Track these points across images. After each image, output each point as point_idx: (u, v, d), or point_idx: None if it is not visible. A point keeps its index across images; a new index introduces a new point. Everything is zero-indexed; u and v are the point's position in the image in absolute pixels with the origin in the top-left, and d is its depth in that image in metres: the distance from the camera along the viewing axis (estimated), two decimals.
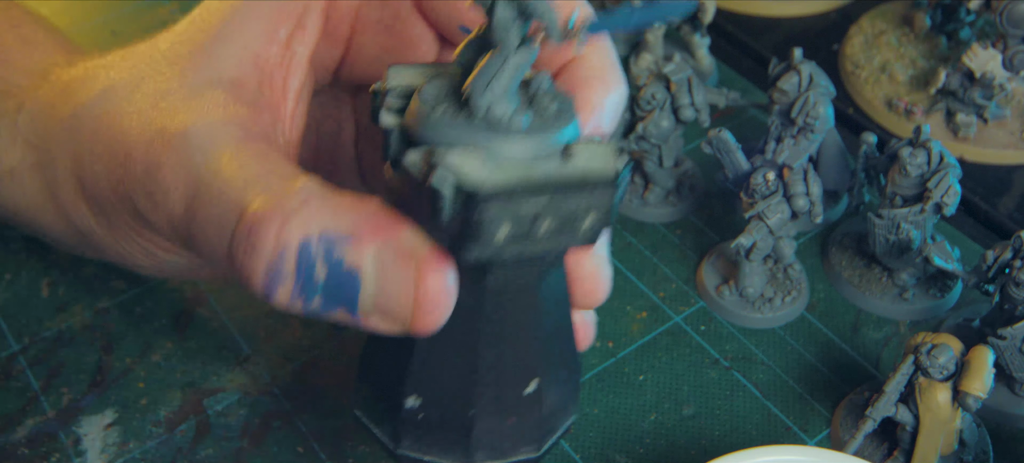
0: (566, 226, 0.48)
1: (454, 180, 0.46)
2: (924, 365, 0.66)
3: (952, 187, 0.75)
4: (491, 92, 0.48)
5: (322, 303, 0.50)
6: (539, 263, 0.51)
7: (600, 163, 0.48)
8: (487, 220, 0.46)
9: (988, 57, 0.88)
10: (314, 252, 0.50)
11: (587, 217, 0.48)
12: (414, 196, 0.48)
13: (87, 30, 1.08)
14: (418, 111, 0.49)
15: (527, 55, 0.48)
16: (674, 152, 0.86)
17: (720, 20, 1.02)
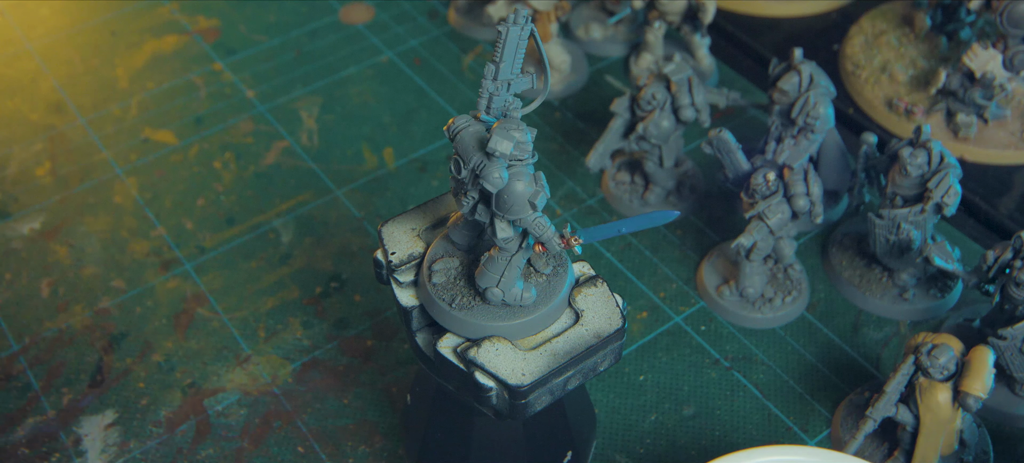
0: (588, 373, 0.57)
1: (495, 381, 0.55)
2: (924, 365, 0.66)
3: (952, 187, 0.75)
4: (502, 289, 0.56)
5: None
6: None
7: (607, 320, 0.57)
8: (529, 403, 0.55)
9: (988, 57, 0.88)
10: None
11: (604, 362, 0.57)
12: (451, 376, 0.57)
13: (87, 30, 1.08)
14: (438, 306, 0.57)
15: (527, 253, 0.56)
16: (674, 152, 0.86)
17: (720, 20, 1.02)
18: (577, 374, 0.56)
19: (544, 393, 0.55)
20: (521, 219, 0.53)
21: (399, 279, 0.58)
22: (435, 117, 0.98)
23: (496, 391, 0.54)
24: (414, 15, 1.09)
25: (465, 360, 0.55)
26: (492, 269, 0.55)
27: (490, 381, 0.54)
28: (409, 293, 0.58)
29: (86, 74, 1.03)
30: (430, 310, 0.57)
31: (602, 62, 1.03)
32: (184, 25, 1.09)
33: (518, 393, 0.54)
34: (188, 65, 1.04)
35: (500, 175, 0.51)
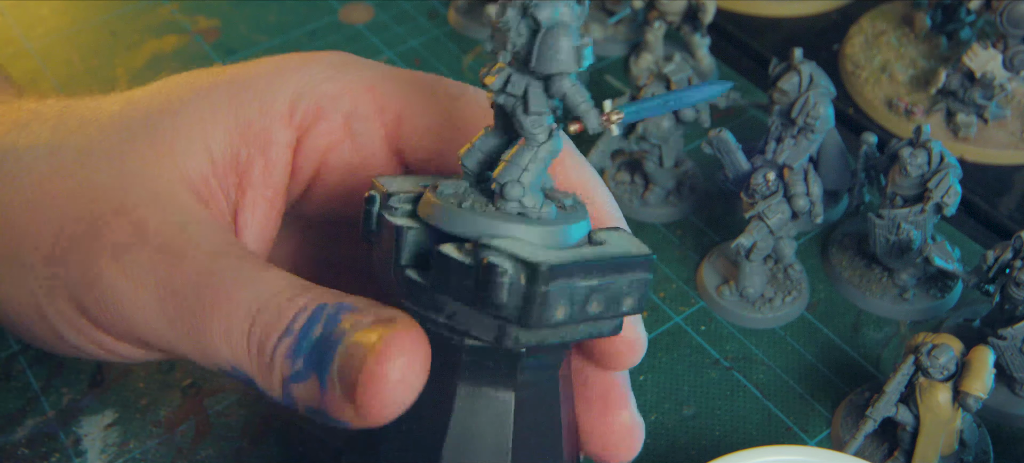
0: (611, 307, 0.49)
1: (512, 261, 0.47)
2: (924, 365, 0.66)
3: (952, 187, 0.75)
4: (523, 184, 0.49)
5: (303, 365, 0.49)
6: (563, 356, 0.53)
7: (634, 246, 0.51)
8: (551, 296, 0.47)
9: (988, 57, 0.88)
10: (323, 315, 0.50)
11: (628, 298, 0.50)
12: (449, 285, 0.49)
13: (87, 30, 1.08)
14: (444, 206, 0.50)
15: (555, 146, 0.50)
16: (674, 152, 0.86)
17: (720, 20, 1.02)
18: (601, 293, 0.49)
19: (565, 296, 0.47)
20: (561, 77, 0.48)
21: (394, 206, 0.52)
22: None
23: (511, 278, 0.46)
24: (414, 15, 1.09)
25: (475, 252, 0.48)
26: (515, 161, 0.50)
27: (505, 262, 0.46)
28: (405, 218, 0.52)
29: (86, 74, 1.03)
30: (434, 218, 0.51)
31: (602, 62, 1.03)
32: (184, 25, 1.09)
33: (538, 277, 0.46)
34: (188, 65, 1.04)
35: (552, 10, 0.48)
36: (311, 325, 0.50)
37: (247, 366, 0.51)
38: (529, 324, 0.47)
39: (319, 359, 0.49)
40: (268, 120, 0.59)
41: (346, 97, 0.60)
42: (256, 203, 0.60)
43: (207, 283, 0.52)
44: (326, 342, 0.49)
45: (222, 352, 0.52)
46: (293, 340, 0.50)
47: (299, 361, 0.50)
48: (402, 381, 0.47)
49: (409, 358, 0.48)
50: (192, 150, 0.58)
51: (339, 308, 0.50)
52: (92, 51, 1.06)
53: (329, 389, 0.49)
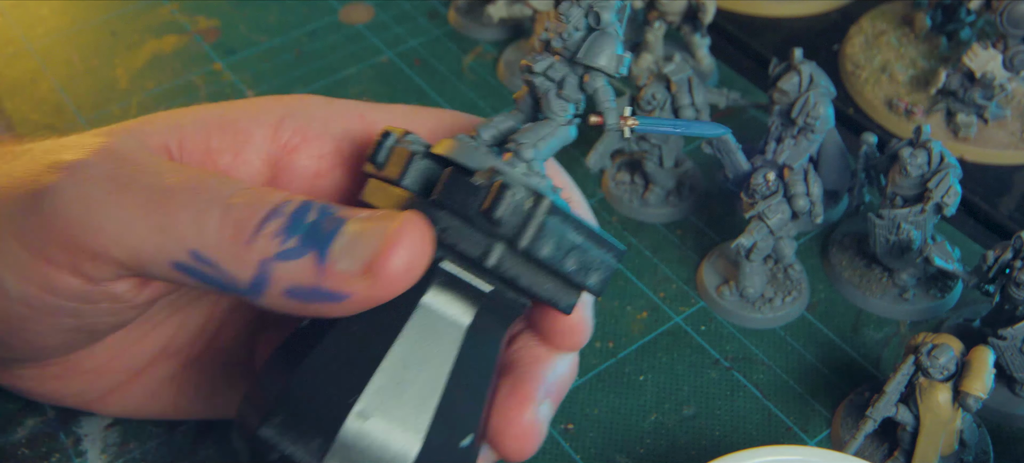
0: (581, 272, 0.54)
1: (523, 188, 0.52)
2: (924, 365, 0.66)
3: (952, 187, 0.75)
4: (537, 149, 0.55)
5: (298, 243, 0.51)
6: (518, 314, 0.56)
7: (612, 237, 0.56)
8: (546, 227, 0.52)
9: (988, 57, 0.88)
10: (313, 206, 0.52)
11: (595, 274, 0.55)
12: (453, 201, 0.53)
13: (87, 30, 1.08)
14: (460, 145, 0.55)
15: (570, 132, 0.57)
16: (674, 152, 0.86)
17: (720, 20, 1.02)
18: (580, 254, 0.53)
19: (555, 236, 0.52)
20: (598, 74, 0.55)
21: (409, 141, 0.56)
22: None
23: (519, 199, 0.51)
24: (414, 15, 1.09)
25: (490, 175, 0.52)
26: (535, 130, 0.56)
27: (518, 186, 0.51)
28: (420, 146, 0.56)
29: (86, 74, 1.03)
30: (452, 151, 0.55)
31: None
32: (184, 25, 1.09)
33: (541, 205, 0.51)
34: (188, 65, 1.04)
35: (613, 16, 0.55)
36: (303, 211, 0.52)
37: (213, 246, 0.52)
38: (520, 244, 0.52)
39: (319, 238, 0.51)
40: (251, 125, 0.60)
41: (337, 122, 0.62)
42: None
43: (172, 178, 0.53)
44: (326, 222, 0.52)
45: (186, 235, 0.52)
46: (284, 220, 0.52)
47: (292, 240, 0.51)
48: (419, 254, 0.51)
49: (424, 234, 0.51)
50: (160, 125, 0.59)
51: (328, 205, 0.53)
52: (92, 51, 1.06)
53: (329, 264, 0.51)
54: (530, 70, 0.56)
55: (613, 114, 0.56)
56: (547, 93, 0.56)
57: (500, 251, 0.52)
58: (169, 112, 0.61)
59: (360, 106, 0.63)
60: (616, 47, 0.55)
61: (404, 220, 0.51)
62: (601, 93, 0.56)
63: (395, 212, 0.52)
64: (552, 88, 0.56)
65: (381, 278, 0.51)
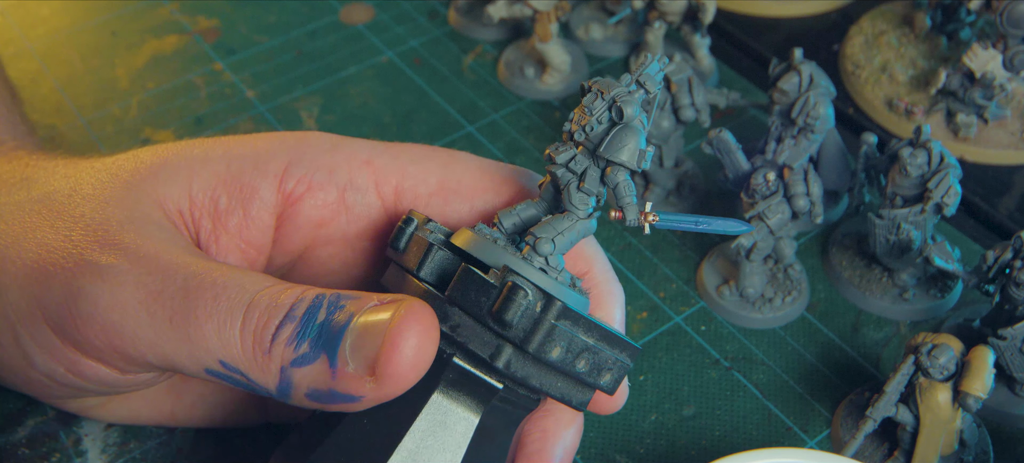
0: (593, 373, 0.55)
1: (534, 289, 0.52)
2: (924, 365, 0.66)
3: (952, 187, 0.75)
4: (554, 243, 0.55)
5: (310, 347, 0.51)
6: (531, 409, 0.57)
7: (625, 336, 0.57)
8: (556, 331, 0.52)
9: (988, 57, 0.88)
10: (324, 302, 0.52)
11: (607, 373, 0.56)
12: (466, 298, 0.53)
13: (87, 30, 1.08)
14: (481, 239, 0.55)
15: (590, 226, 0.57)
16: (674, 152, 0.86)
17: (720, 20, 1.02)
18: (591, 356, 0.54)
19: (565, 339, 0.53)
20: (620, 168, 0.54)
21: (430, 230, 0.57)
22: (435, 117, 0.98)
23: (529, 302, 0.51)
24: (414, 15, 1.09)
25: (502, 275, 0.52)
26: (554, 224, 0.55)
27: (528, 288, 0.51)
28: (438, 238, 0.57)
29: (86, 74, 1.03)
30: (469, 244, 0.55)
31: (602, 62, 1.03)
32: (184, 25, 1.09)
33: (551, 308, 0.51)
34: (188, 65, 1.04)
35: (635, 110, 0.54)
36: (314, 311, 0.52)
37: (239, 358, 0.53)
38: (528, 348, 0.52)
39: (328, 340, 0.51)
40: (257, 178, 0.60)
41: (343, 170, 0.62)
42: (228, 250, 0.61)
43: (195, 284, 0.53)
44: (333, 324, 0.51)
45: (212, 347, 0.53)
46: (296, 325, 0.52)
47: (304, 345, 0.51)
48: (420, 353, 0.50)
49: (425, 327, 0.51)
50: (172, 186, 0.59)
51: (338, 297, 0.52)
52: (92, 51, 1.06)
53: (340, 366, 0.51)
54: (552, 160, 0.56)
55: (633, 210, 0.55)
56: (568, 185, 0.56)
57: (509, 353, 0.53)
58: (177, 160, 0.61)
59: (367, 150, 0.62)
60: (639, 141, 0.54)
61: (406, 316, 0.50)
62: (622, 187, 0.55)
63: (400, 304, 0.51)
64: (573, 180, 0.56)
65: (386, 378, 0.50)
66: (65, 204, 0.58)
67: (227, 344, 0.53)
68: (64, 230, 0.57)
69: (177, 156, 0.61)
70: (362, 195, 0.61)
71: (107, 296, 0.54)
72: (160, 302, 0.53)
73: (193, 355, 0.53)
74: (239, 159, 0.61)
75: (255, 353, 0.52)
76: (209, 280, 0.53)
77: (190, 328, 0.53)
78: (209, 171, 0.60)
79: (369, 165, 0.61)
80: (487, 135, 0.96)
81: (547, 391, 0.55)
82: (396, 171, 0.61)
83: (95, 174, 0.60)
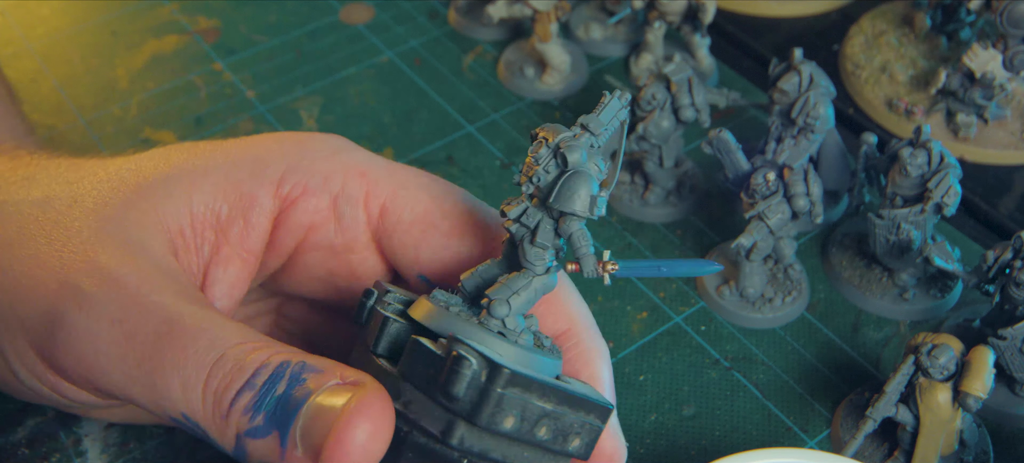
0: (558, 439, 0.51)
1: (478, 358, 0.49)
2: (924, 365, 0.66)
3: (952, 187, 0.75)
4: (511, 305, 0.52)
5: (264, 421, 0.50)
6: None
7: (596, 394, 0.54)
8: (505, 400, 0.49)
9: (988, 57, 0.88)
10: (287, 372, 0.50)
11: (576, 438, 0.52)
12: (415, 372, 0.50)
13: (87, 30, 1.08)
14: (434, 308, 0.53)
15: (549, 282, 0.53)
16: (674, 152, 0.86)
17: (720, 20, 1.02)
18: (552, 421, 0.51)
19: (517, 407, 0.50)
20: (572, 218, 0.52)
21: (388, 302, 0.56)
22: (435, 117, 0.98)
23: (473, 372, 0.49)
24: (414, 15, 1.09)
25: (448, 345, 0.50)
26: (509, 284, 0.53)
27: (472, 357, 0.49)
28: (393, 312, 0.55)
29: (86, 74, 1.03)
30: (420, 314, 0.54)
31: (602, 62, 1.03)
32: (184, 25, 1.09)
33: (497, 377, 0.48)
34: (188, 65, 1.04)
35: (581, 155, 0.52)
36: (274, 381, 0.50)
37: (200, 416, 0.52)
38: (478, 422, 0.49)
39: (282, 417, 0.50)
40: (256, 186, 0.60)
41: (338, 177, 0.61)
42: (230, 260, 0.61)
43: (166, 331, 0.53)
44: (290, 400, 0.50)
45: (176, 400, 0.52)
46: (254, 395, 0.50)
47: (259, 417, 0.50)
48: (368, 446, 0.48)
49: (376, 424, 0.49)
50: (174, 201, 0.59)
51: (303, 367, 0.51)
52: (92, 51, 1.06)
53: (289, 448, 0.49)
54: (504, 215, 0.53)
55: (590, 261, 0.52)
56: (522, 241, 0.53)
57: (462, 429, 0.50)
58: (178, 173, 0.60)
59: (365, 162, 0.62)
60: (591, 187, 0.51)
61: (358, 407, 0.49)
62: (576, 238, 0.52)
63: (355, 391, 0.49)
64: (527, 235, 0.53)
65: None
66: (64, 214, 0.58)
67: (190, 401, 0.52)
68: (58, 243, 0.56)
69: (178, 169, 0.60)
70: (352, 206, 0.61)
71: (83, 328, 0.54)
72: (132, 344, 0.53)
73: (158, 404, 0.53)
74: (238, 166, 0.60)
75: (214, 415, 0.51)
76: (180, 329, 0.52)
77: (156, 377, 0.52)
78: (210, 183, 0.60)
79: (364, 177, 0.61)
80: (487, 135, 0.96)
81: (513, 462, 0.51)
82: (387, 190, 0.61)
83: (97, 184, 0.60)
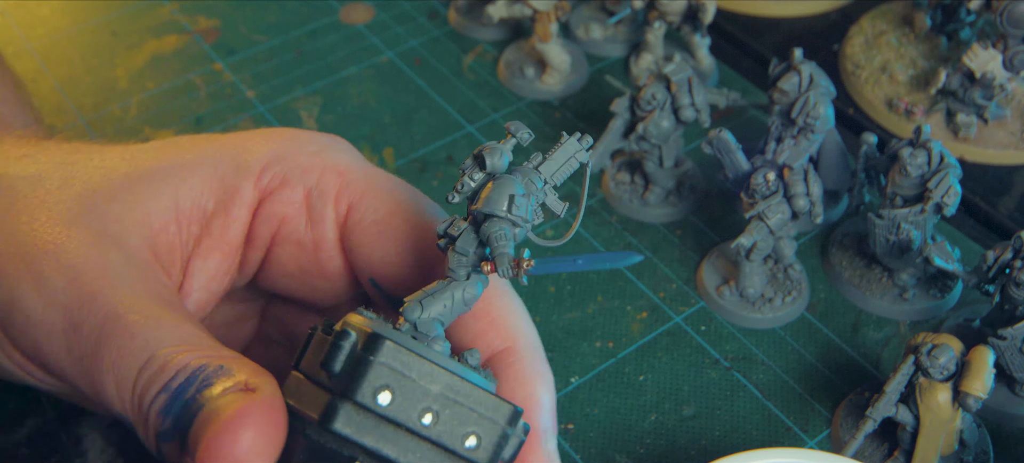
0: (445, 433, 0.47)
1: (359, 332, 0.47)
2: (924, 365, 0.66)
3: (952, 187, 0.75)
4: (425, 307, 0.50)
5: (170, 426, 0.50)
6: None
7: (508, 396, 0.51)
8: (379, 370, 0.46)
9: (988, 57, 0.88)
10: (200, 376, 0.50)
11: (471, 436, 0.48)
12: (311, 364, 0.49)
13: (87, 30, 1.08)
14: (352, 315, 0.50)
15: (471, 290, 0.51)
16: (674, 152, 0.86)
17: (720, 20, 1.02)
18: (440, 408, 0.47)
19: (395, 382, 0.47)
20: (491, 220, 0.50)
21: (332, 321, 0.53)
22: (435, 117, 0.98)
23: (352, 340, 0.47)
24: (414, 15, 1.09)
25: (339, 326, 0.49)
26: (428, 290, 0.52)
27: (353, 331, 0.47)
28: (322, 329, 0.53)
29: (86, 74, 1.03)
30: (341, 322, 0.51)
31: (602, 62, 1.03)
32: (184, 25, 1.09)
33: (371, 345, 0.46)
34: (188, 65, 1.04)
35: (501, 159, 0.51)
36: (187, 385, 0.50)
37: (130, 417, 0.52)
38: (351, 395, 0.46)
39: (184, 421, 0.49)
40: (239, 179, 0.60)
41: (315, 172, 0.61)
42: (210, 252, 0.61)
43: (110, 325, 0.52)
44: (193, 404, 0.49)
45: (111, 396, 0.52)
46: (168, 397, 0.50)
47: (168, 420, 0.50)
48: (251, 452, 0.47)
49: (259, 431, 0.47)
50: (160, 197, 0.59)
51: (217, 371, 0.50)
52: (92, 51, 1.06)
53: (186, 453, 0.49)
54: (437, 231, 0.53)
55: (505, 260, 0.50)
56: (447, 249, 0.52)
57: (343, 411, 0.46)
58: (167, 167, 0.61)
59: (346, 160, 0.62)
60: (512, 188, 0.50)
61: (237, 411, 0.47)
62: (494, 237, 0.50)
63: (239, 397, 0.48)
64: (450, 243, 0.52)
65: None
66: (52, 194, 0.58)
67: (122, 400, 0.52)
68: (39, 222, 0.57)
69: (168, 162, 0.61)
70: (322, 202, 0.61)
71: (37, 311, 0.54)
72: (77, 336, 0.53)
73: (98, 400, 0.53)
74: (225, 160, 0.61)
75: (138, 418, 0.51)
76: (121, 327, 0.52)
77: (94, 375, 0.52)
78: (197, 177, 0.60)
79: (340, 176, 0.61)
80: (487, 135, 0.96)
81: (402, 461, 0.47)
82: (358, 190, 0.61)
83: (91, 170, 0.60)
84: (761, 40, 1.04)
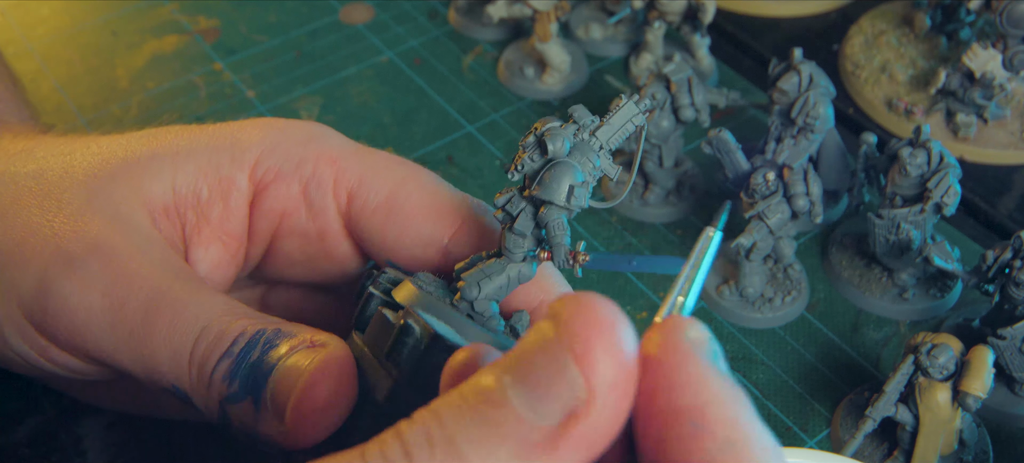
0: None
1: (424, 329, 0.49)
2: (924, 365, 0.66)
3: (952, 187, 0.75)
4: (482, 288, 0.53)
5: (239, 387, 0.51)
6: None
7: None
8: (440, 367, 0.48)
9: (988, 57, 0.88)
10: (262, 339, 0.52)
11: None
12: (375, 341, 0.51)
13: (87, 30, 1.08)
14: (411, 288, 0.53)
15: (526, 270, 0.54)
16: (674, 152, 0.86)
17: (720, 20, 1.02)
18: None
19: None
20: (551, 207, 0.52)
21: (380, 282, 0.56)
22: (435, 117, 0.98)
23: (416, 341, 0.49)
24: (414, 15, 1.09)
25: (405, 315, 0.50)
26: (483, 269, 0.53)
27: (418, 324, 0.50)
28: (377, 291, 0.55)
29: (86, 74, 1.03)
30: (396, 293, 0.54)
31: (602, 62, 1.03)
32: (184, 25, 1.09)
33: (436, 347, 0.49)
34: (188, 65, 1.04)
35: (563, 145, 0.52)
36: (250, 349, 0.52)
37: (186, 384, 0.53)
38: (416, 387, 0.49)
39: (255, 382, 0.51)
40: (234, 169, 0.61)
41: (309, 164, 0.62)
42: (211, 241, 0.62)
43: (156, 300, 0.54)
44: (262, 365, 0.51)
45: (164, 369, 0.53)
46: (232, 362, 0.52)
47: (235, 383, 0.52)
48: (330, 404, 0.50)
49: (337, 383, 0.50)
50: (158, 180, 0.60)
51: (277, 333, 0.52)
52: (92, 51, 1.06)
53: (262, 411, 0.51)
54: (494, 205, 0.54)
55: (561, 251, 0.52)
56: (504, 227, 0.54)
57: (404, 397, 0.50)
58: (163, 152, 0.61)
59: (338, 147, 0.62)
60: (573, 177, 0.51)
61: (320, 366, 0.50)
62: (552, 227, 0.52)
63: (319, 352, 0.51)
64: (508, 222, 0.54)
65: (298, 427, 0.50)
66: (55, 185, 0.59)
67: (178, 373, 0.53)
68: (50, 212, 0.57)
69: (163, 148, 0.61)
70: (321, 194, 0.62)
71: (75, 296, 0.55)
72: (122, 314, 0.54)
73: (148, 374, 0.54)
74: (219, 150, 0.61)
75: (199, 385, 0.53)
76: (169, 300, 0.54)
77: (145, 348, 0.53)
78: (192, 164, 0.61)
79: (334, 164, 0.61)
80: (487, 135, 0.96)
81: None
82: (355, 175, 0.61)
83: (89, 157, 0.60)
84: (761, 40, 1.04)
